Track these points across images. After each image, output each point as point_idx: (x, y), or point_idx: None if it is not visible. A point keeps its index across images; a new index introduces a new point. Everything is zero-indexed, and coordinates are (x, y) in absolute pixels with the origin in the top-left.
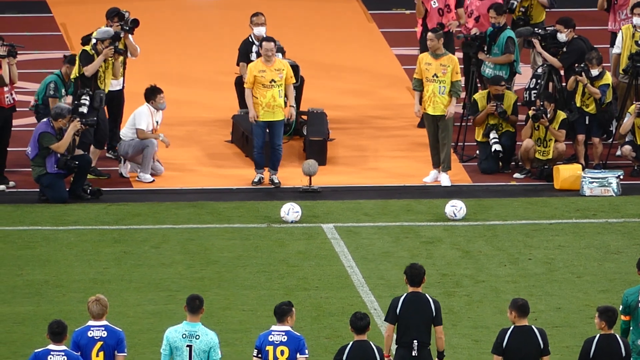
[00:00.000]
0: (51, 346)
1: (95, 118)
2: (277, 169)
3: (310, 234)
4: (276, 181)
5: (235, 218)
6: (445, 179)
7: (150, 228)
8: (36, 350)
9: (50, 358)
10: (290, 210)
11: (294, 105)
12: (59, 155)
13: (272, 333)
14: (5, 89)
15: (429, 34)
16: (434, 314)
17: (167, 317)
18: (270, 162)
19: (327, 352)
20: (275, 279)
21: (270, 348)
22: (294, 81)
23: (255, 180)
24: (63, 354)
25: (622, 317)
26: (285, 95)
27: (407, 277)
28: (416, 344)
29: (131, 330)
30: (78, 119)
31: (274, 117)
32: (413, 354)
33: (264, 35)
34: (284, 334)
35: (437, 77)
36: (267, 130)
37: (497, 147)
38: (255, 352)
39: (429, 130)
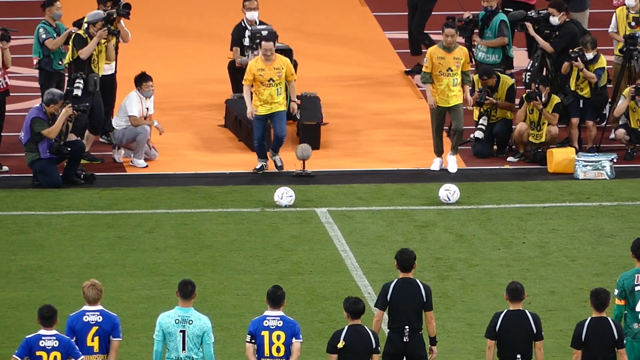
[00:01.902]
0: (42, 331)
1: (87, 104)
2: (277, 151)
3: (304, 218)
4: (279, 164)
5: (229, 202)
6: (452, 163)
7: (143, 213)
8: (27, 337)
9: (42, 343)
10: (284, 195)
11: (296, 101)
12: (52, 140)
13: (267, 318)
14: None
15: (449, 29)
16: (425, 299)
17: (161, 302)
18: (272, 146)
19: (321, 336)
20: (269, 264)
21: (265, 333)
22: (295, 78)
23: (257, 167)
24: (54, 338)
25: (617, 302)
26: (290, 92)
27: (398, 262)
28: (407, 329)
29: (125, 315)
30: (70, 105)
31: (272, 109)
32: (404, 340)
33: (257, 20)
34: (278, 319)
35: (451, 70)
36: (268, 121)
37: (478, 134)
38: (248, 337)
39: (436, 120)
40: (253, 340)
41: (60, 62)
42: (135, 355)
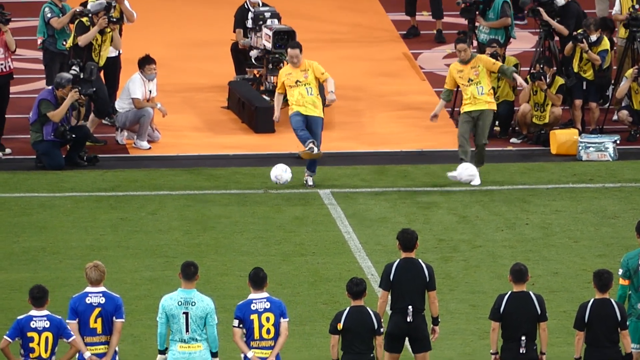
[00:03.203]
0: (33, 312)
1: (93, 89)
2: (314, 171)
3: (307, 199)
4: (310, 183)
5: (232, 184)
6: (477, 178)
7: (147, 194)
8: (18, 317)
9: (33, 324)
10: (287, 170)
11: (333, 91)
12: (57, 124)
13: (253, 302)
14: (0, 54)
15: (461, 44)
16: (428, 279)
17: (164, 284)
18: (307, 165)
19: (324, 317)
20: (272, 245)
21: (254, 317)
22: (327, 77)
23: (307, 149)
24: (46, 318)
25: (621, 281)
26: (326, 85)
27: (400, 242)
28: (411, 309)
29: (128, 296)
30: (76, 90)
31: (307, 111)
32: (408, 320)
33: (260, 2)
34: (265, 300)
35: (472, 80)
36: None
37: None
38: (236, 322)
39: (463, 128)
40: (241, 325)
41: (64, 43)
42: (139, 337)
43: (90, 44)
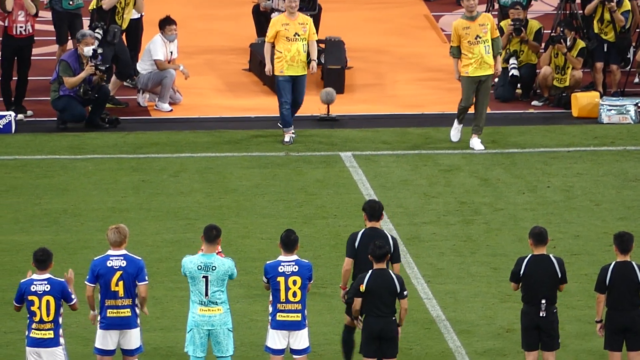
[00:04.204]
0: (35, 275)
1: (107, 65)
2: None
3: (328, 162)
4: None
5: (253, 146)
6: (477, 143)
7: (168, 157)
8: (22, 281)
9: (34, 287)
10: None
11: (316, 60)
12: (80, 84)
13: (282, 264)
14: (21, 17)
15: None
16: (393, 249)
17: (185, 246)
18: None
19: None
20: (294, 207)
21: (281, 279)
22: (316, 38)
23: (286, 140)
24: (46, 282)
25: None
26: (308, 51)
27: (367, 212)
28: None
29: (150, 259)
30: (92, 64)
31: (297, 71)
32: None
33: None
34: (294, 263)
35: (480, 37)
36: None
37: (515, 72)
38: (265, 279)
39: (467, 92)
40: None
41: (71, 2)
42: (160, 299)
43: (114, 7)
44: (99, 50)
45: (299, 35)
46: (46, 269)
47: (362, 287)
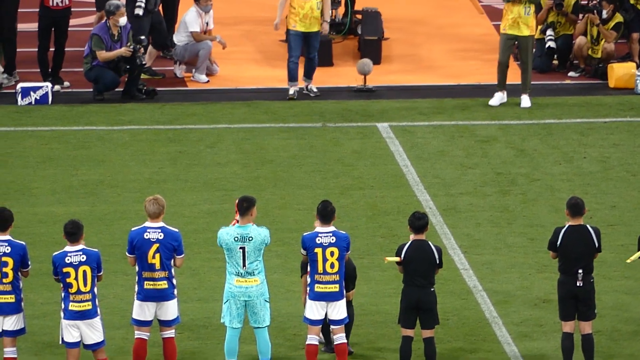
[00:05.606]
0: (68, 247)
1: (137, 45)
2: (311, 78)
3: (365, 133)
4: (314, 89)
5: (290, 117)
6: (526, 100)
7: (205, 128)
8: (54, 254)
9: (68, 259)
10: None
11: (328, 21)
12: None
13: (319, 235)
14: None
15: None
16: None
17: (222, 217)
18: (305, 71)
19: (383, 250)
20: (331, 178)
21: (319, 250)
22: None
23: (291, 93)
24: (81, 252)
25: None
26: (322, 11)
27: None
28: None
29: (187, 230)
30: (126, 47)
31: (309, 28)
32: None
33: None
34: (331, 234)
35: None
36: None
37: (552, 43)
38: (304, 252)
39: (504, 50)
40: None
41: None
42: (197, 270)
43: None
44: (144, 42)
45: None
46: (77, 241)
47: (399, 259)
